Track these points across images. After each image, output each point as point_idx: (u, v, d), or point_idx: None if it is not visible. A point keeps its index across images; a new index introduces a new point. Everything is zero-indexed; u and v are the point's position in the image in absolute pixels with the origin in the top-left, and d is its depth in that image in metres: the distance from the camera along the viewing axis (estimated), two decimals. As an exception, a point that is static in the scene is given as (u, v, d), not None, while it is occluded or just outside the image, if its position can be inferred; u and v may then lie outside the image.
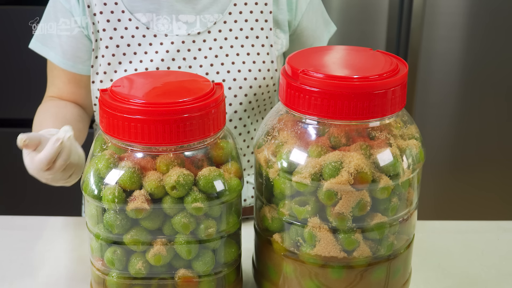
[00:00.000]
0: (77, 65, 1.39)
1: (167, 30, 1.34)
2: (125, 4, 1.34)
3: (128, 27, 1.34)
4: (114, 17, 1.34)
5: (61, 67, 1.39)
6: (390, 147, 0.94)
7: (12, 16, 2.38)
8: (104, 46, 1.34)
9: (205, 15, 1.36)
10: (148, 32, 1.34)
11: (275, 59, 1.40)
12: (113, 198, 0.92)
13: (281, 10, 1.40)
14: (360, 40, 2.41)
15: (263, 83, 1.39)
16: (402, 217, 0.99)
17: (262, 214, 1.02)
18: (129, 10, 1.34)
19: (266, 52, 1.39)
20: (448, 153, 2.57)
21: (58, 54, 1.39)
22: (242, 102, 1.38)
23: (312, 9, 1.46)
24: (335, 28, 1.55)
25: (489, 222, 1.39)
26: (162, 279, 0.98)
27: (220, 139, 0.98)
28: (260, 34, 1.38)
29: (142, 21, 1.34)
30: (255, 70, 1.38)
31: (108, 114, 0.93)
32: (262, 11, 1.38)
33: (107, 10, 1.33)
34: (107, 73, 1.35)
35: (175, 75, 1.11)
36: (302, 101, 0.93)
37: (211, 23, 1.36)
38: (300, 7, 1.42)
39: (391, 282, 1.02)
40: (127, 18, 1.34)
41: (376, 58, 1.01)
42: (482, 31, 2.38)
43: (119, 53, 1.34)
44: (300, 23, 1.44)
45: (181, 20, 1.35)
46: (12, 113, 2.50)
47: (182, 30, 1.35)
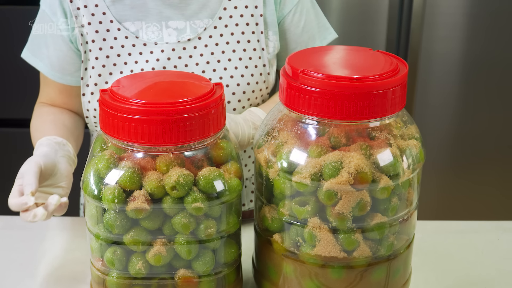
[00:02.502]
0: (65, 76, 1.37)
1: (157, 38, 1.32)
2: (113, 13, 1.31)
3: (117, 37, 1.32)
4: (102, 28, 1.31)
5: (50, 78, 1.38)
6: (390, 147, 0.94)
7: (12, 16, 2.38)
8: (94, 57, 1.32)
9: (195, 20, 1.33)
10: (138, 41, 1.32)
11: (267, 63, 1.38)
12: (113, 198, 0.92)
13: (270, 11, 1.37)
14: (360, 40, 2.41)
15: (256, 87, 1.38)
16: (402, 217, 0.99)
17: (262, 214, 1.02)
18: (118, 19, 1.32)
19: (258, 56, 1.37)
20: (448, 153, 2.57)
21: (47, 65, 1.37)
22: (235, 107, 1.37)
23: (299, 12, 1.40)
24: (335, 36, 1.47)
25: (489, 222, 1.39)
26: (162, 279, 0.98)
27: (220, 139, 0.98)
28: (252, 38, 1.36)
29: (131, 30, 1.32)
30: (247, 75, 1.36)
31: (108, 114, 0.93)
32: (252, 14, 1.35)
33: (95, 21, 1.31)
34: (97, 84, 1.33)
35: (175, 75, 1.11)
36: (302, 101, 0.93)
37: (201, 28, 1.34)
38: (282, 7, 1.38)
39: (391, 282, 1.02)
40: (116, 28, 1.31)
41: (376, 58, 1.01)
42: (482, 32, 2.39)
43: (109, 64, 1.32)
44: (281, 23, 1.40)
45: (170, 26, 1.33)
46: (12, 113, 2.50)
47: (172, 37, 1.33)
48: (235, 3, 1.35)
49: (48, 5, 1.33)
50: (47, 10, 1.33)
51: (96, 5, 1.31)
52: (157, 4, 1.32)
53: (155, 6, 1.32)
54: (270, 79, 1.40)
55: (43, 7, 1.34)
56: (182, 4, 1.33)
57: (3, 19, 2.38)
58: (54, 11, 1.32)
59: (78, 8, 1.31)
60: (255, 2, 1.35)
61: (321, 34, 1.46)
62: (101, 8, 1.31)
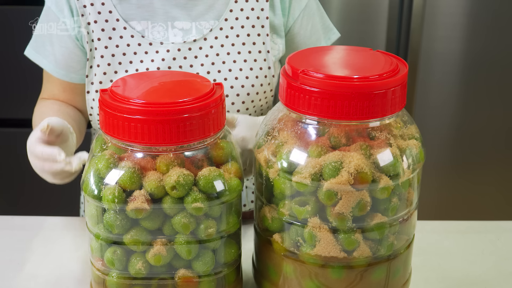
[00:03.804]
0: (70, 74, 1.37)
1: (163, 38, 1.32)
2: (119, 12, 1.31)
3: (123, 36, 1.32)
4: (108, 26, 1.31)
5: (54, 75, 1.38)
6: (390, 147, 0.94)
7: (12, 16, 2.38)
8: (99, 56, 1.32)
9: (201, 22, 1.34)
10: (144, 41, 1.32)
11: (272, 65, 1.38)
12: (113, 198, 0.92)
13: (277, 15, 1.38)
14: (360, 40, 2.41)
15: (260, 89, 1.38)
16: (402, 217, 0.99)
17: (262, 214, 1.02)
18: (124, 18, 1.32)
19: (263, 58, 1.37)
20: (448, 153, 2.57)
21: (51, 62, 1.37)
22: (239, 109, 1.37)
23: (307, 15, 1.42)
24: (338, 35, 1.50)
25: (489, 222, 1.39)
26: (162, 279, 0.98)
27: (220, 139, 0.98)
28: (257, 40, 1.36)
29: (137, 29, 1.32)
30: (252, 77, 1.36)
31: (108, 114, 0.93)
32: (258, 16, 1.36)
33: (101, 19, 1.31)
34: (102, 82, 1.33)
35: (175, 75, 1.11)
36: (302, 101, 0.93)
37: (207, 30, 1.34)
38: (292, 13, 1.39)
39: (391, 282, 1.02)
40: (122, 27, 1.32)
41: (376, 58, 1.01)
42: (482, 32, 2.39)
43: (115, 62, 1.32)
44: (291, 28, 1.41)
45: (176, 27, 1.33)
46: (12, 113, 2.50)
47: (178, 38, 1.33)
48: (242, 5, 1.35)
49: (54, 2, 1.33)
50: (53, 7, 1.33)
51: (102, 3, 1.31)
52: (163, 4, 1.32)
53: (161, 6, 1.32)
54: (274, 81, 1.40)
55: (49, 4, 1.34)
56: (188, 5, 1.33)
57: (4, 19, 2.39)
58: (60, 8, 1.32)
59: (84, 6, 1.31)
60: (262, 5, 1.35)
61: (326, 35, 1.48)
62: (108, 6, 1.31)
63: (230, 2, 1.34)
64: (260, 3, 1.35)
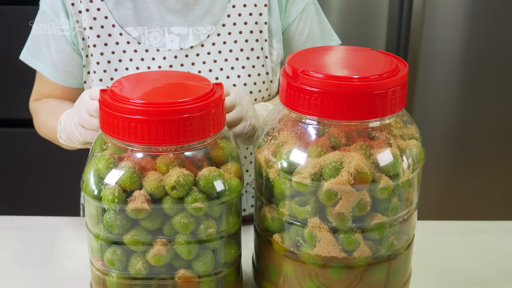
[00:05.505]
0: (69, 79, 1.35)
1: (159, 44, 1.31)
2: (115, 18, 1.29)
3: (119, 42, 1.30)
4: (104, 32, 1.29)
5: (52, 80, 1.36)
6: (390, 147, 0.94)
7: (12, 16, 2.38)
8: (95, 62, 1.30)
9: (198, 27, 1.32)
10: (140, 47, 1.30)
11: (270, 71, 1.37)
12: (113, 198, 0.92)
13: (275, 19, 1.36)
14: (360, 40, 2.41)
15: (258, 95, 1.37)
16: (402, 217, 0.99)
17: (262, 214, 1.02)
18: (120, 24, 1.30)
19: (261, 64, 1.36)
20: (448, 153, 2.57)
21: (49, 67, 1.35)
22: None
23: (304, 20, 1.39)
24: (339, 42, 1.46)
25: (489, 222, 1.39)
26: (162, 279, 0.98)
27: (220, 139, 0.98)
28: (255, 46, 1.34)
29: (133, 35, 1.30)
30: (250, 83, 1.35)
31: (108, 114, 0.93)
32: (256, 22, 1.34)
33: (97, 25, 1.29)
34: None
35: (175, 75, 1.11)
36: (302, 101, 0.93)
37: (204, 35, 1.32)
38: (287, 15, 1.37)
39: (391, 282, 1.02)
40: (118, 33, 1.30)
41: (376, 58, 1.01)
42: (482, 32, 2.39)
43: (111, 69, 1.31)
44: (286, 31, 1.39)
45: (173, 32, 1.31)
46: (12, 113, 2.50)
47: (175, 43, 1.31)
48: (240, 10, 1.33)
49: (50, 6, 1.31)
50: (48, 11, 1.31)
51: (98, 8, 1.29)
52: (159, 9, 1.30)
53: (157, 11, 1.30)
54: (273, 87, 1.39)
55: (44, 7, 1.32)
56: (185, 10, 1.31)
57: (3, 19, 2.39)
58: (56, 12, 1.31)
59: (80, 11, 1.29)
60: (260, 10, 1.34)
61: (325, 41, 1.45)
62: (103, 12, 1.29)
63: (228, 7, 1.32)
64: (258, 7, 1.34)
